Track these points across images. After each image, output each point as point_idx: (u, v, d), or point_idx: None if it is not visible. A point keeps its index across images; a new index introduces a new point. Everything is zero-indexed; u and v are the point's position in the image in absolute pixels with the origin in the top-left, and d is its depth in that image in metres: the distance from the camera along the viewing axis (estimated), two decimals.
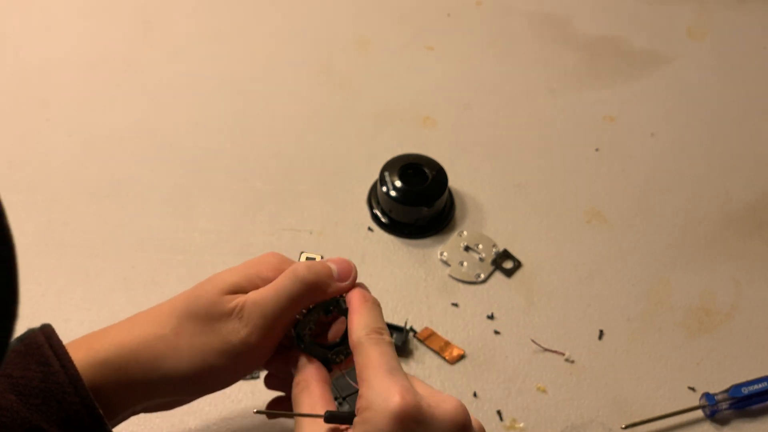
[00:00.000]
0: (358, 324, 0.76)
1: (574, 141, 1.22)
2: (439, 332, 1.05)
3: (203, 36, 1.31)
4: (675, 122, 1.25)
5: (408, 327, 1.04)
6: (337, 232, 1.12)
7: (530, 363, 1.03)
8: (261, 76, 1.27)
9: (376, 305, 0.78)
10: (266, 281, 0.80)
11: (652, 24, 1.36)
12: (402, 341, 1.02)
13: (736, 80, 1.30)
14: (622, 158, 1.21)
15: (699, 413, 1.00)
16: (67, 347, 0.75)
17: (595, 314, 1.07)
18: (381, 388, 0.70)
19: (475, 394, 1.01)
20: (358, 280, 0.82)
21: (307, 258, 1.09)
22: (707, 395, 0.99)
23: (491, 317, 1.06)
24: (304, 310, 0.80)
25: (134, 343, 0.78)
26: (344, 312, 0.81)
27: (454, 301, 1.07)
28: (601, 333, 1.06)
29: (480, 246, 1.12)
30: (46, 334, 0.76)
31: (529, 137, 1.23)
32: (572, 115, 1.25)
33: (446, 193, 1.13)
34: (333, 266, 0.80)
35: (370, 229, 1.13)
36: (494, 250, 1.11)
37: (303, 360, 0.79)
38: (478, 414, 1.00)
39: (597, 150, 1.22)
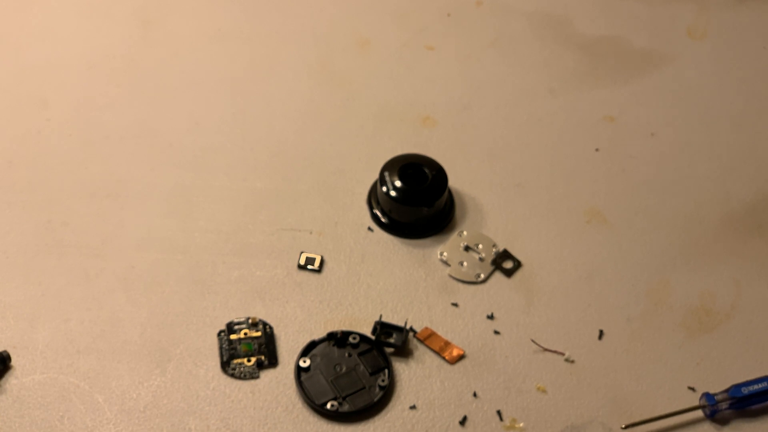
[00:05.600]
0: None
1: (574, 141, 1.22)
2: (439, 332, 1.05)
3: (203, 36, 1.31)
4: (675, 122, 1.25)
5: (408, 327, 1.04)
6: (337, 232, 1.12)
7: (530, 363, 1.03)
8: (261, 75, 1.27)
9: None
10: None
11: (652, 24, 1.36)
12: (402, 341, 1.02)
13: (736, 80, 1.30)
14: (622, 158, 1.21)
15: (699, 413, 1.00)
16: None
17: (595, 314, 1.07)
18: None
19: (475, 394, 1.01)
20: (358, 280, 0.82)
21: (307, 258, 1.10)
22: (707, 395, 0.99)
23: (491, 317, 1.06)
24: None
25: None
26: None
27: (454, 301, 1.07)
28: (601, 333, 1.06)
29: (480, 246, 1.12)
30: None
31: (529, 137, 1.23)
32: (572, 115, 1.25)
33: (446, 193, 1.13)
34: None
35: (370, 229, 1.13)
36: (494, 250, 1.11)
37: None
38: (478, 414, 1.00)
39: (597, 150, 1.22)
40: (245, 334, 1.03)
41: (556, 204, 1.16)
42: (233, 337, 1.03)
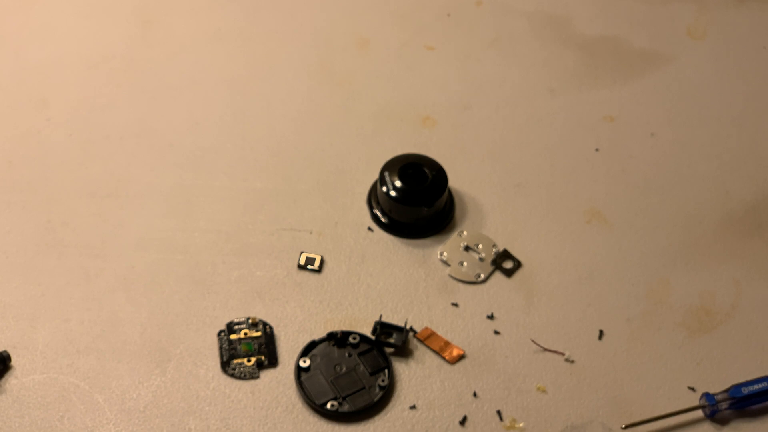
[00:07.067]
0: None
1: (574, 141, 1.22)
2: (439, 332, 1.05)
3: (203, 36, 1.31)
4: (675, 122, 1.25)
5: (408, 327, 1.04)
6: (337, 232, 1.12)
7: (530, 363, 1.03)
8: (261, 75, 1.27)
9: None
10: None
11: (652, 24, 1.36)
12: (402, 341, 1.02)
13: (736, 80, 1.30)
14: (622, 158, 1.21)
15: (699, 413, 1.00)
16: None
17: (595, 314, 1.07)
18: None
19: (475, 394, 1.01)
20: (358, 280, 0.82)
21: (307, 258, 1.10)
22: (707, 395, 0.99)
23: (491, 317, 1.06)
24: None
25: None
26: None
27: (454, 301, 1.07)
28: (601, 333, 1.06)
29: (480, 246, 1.12)
30: None
31: (529, 137, 1.23)
32: (572, 115, 1.25)
33: (446, 193, 1.13)
34: None
35: (370, 229, 1.13)
36: (494, 250, 1.11)
37: None
38: (478, 414, 1.00)
39: (597, 150, 1.22)
40: (245, 334, 1.03)
41: (556, 204, 1.16)
42: (233, 337, 1.03)
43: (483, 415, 1.00)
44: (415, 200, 1.11)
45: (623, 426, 0.98)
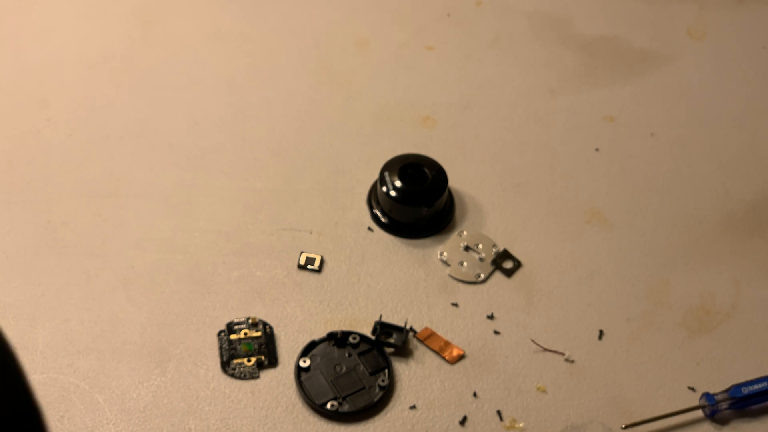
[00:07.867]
0: None
1: (574, 141, 1.23)
2: (439, 332, 1.05)
3: (203, 36, 1.31)
4: (675, 122, 1.25)
5: (408, 327, 1.04)
6: (337, 232, 1.12)
7: (530, 363, 1.03)
8: (261, 75, 1.27)
9: None
10: None
11: (652, 24, 1.36)
12: (402, 341, 1.02)
13: (736, 80, 1.30)
14: (622, 158, 1.21)
15: (699, 413, 1.00)
16: None
17: (595, 314, 1.07)
18: None
19: (475, 394, 1.01)
20: (358, 280, 0.82)
21: (307, 258, 1.10)
22: (707, 395, 0.99)
23: (491, 317, 1.06)
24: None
25: None
26: None
27: (454, 301, 1.07)
28: (601, 333, 1.06)
29: (480, 246, 1.12)
30: None
31: (529, 137, 1.23)
32: (572, 115, 1.25)
33: (446, 193, 1.13)
34: None
35: (370, 229, 1.13)
36: (494, 250, 1.11)
37: None
38: (478, 414, 1.00)
39: (597, 150, 1.22)
40: (245, 334, 1.03)
41: (556, 204, 1.16)
42: (233, 337, 1.03)
43: (483, 415, 1.00)
44: (415, 200, 1.11)
45: (623, 426, 0.98)
